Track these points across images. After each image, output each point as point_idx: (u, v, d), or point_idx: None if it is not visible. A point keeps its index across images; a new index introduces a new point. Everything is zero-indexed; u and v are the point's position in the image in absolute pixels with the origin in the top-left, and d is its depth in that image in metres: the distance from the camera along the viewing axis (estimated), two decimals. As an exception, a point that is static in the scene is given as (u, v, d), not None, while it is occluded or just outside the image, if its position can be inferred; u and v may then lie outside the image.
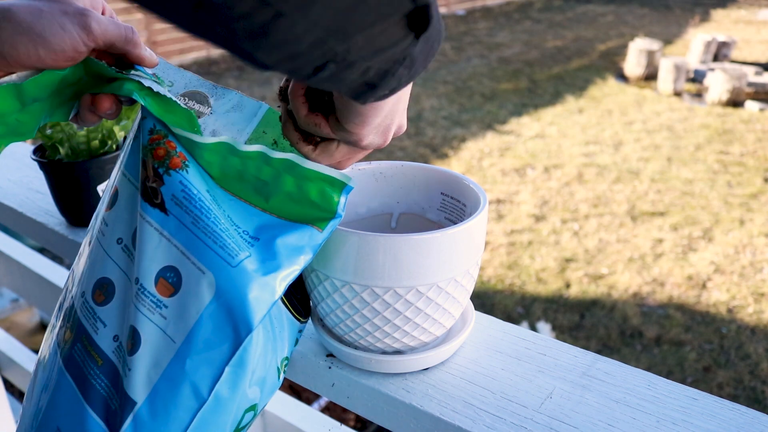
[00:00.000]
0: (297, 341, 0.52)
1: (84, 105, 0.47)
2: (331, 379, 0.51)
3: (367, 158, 0.57)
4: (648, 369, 2.27)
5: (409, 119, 4.91)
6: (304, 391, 1.93)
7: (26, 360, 1.29)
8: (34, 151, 0.74)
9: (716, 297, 2.73)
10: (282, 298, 0.48)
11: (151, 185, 0.44)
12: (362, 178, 0.55)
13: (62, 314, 0.49)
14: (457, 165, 4.05)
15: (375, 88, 0.35)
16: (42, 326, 2.44)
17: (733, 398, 2.17)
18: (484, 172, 3.94)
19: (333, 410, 1.94)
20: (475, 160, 4.13)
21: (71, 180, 0.72)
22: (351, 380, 0.50)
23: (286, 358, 0.49)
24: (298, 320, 0.50)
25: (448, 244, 0.44)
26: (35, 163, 0.74)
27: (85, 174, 0.71)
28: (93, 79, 0.47)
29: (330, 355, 0.52)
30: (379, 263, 0.44)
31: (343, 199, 0.44)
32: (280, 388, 0.53)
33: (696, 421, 0.43)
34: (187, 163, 0.44)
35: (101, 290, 0.46)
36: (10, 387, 1.84)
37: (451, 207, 0.54)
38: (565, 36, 7.73)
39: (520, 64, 6.45)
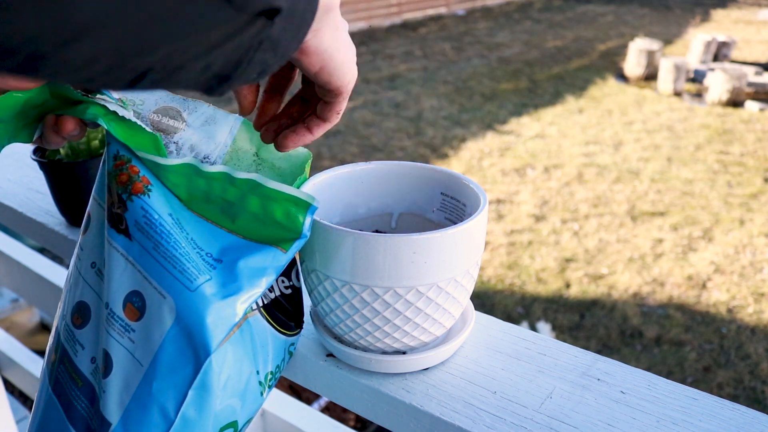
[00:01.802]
0: (291, 354, 0.52)
1: (48, 126, 0.47)
2: (331, 379, 0.51)
3: (367, 158, 0.57)
4: (648, 369, 2.27)
5: (409, 119, 4.91)
6: (304, 391, 1.93)
7: (26, 360, 1.29)
8: (34, 151, 0.74)
9: (716, 297, 2.73)
10: (265, 315, 0.48)
11: (116, 211, 0.44)
12: (362, 178, 0.55)
13: (52, 337, 0.51)
14: (457, 165, 4.05)
15: (230, 79, 0.32)
16: (42, 326, 2.44)
17: (733, 398, 2.17)
18: (484, 172, 3.94)
19: (333, 410, 1.94)
20: (475, 160, 4.13)
21: (71, 180, 0.72)
22: (351, 380, 0.50)
23: (271, 373, 0.49)
24: (285, 334, 0.50)
25: (448, 244, 0.44)
26: (35, 163, 0.74)
27: (85, 174, 0.71)
28: (58, 101, 0.47)
29: (330, 355, 0.52)
30: (379, 263, 0.44)
31: (308, 219, 0.45)
32: (280, 389, 0.53)
33: (696, 421, 0.43)
34: (149, 187, 0.44)
35: (78, 313, 0.47)
36: (10, 387, 1.84)
37: (451, 207, 0.54)
38: (565, 36, 7.73)
39: (520, 64, 6.44)
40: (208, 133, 0.51)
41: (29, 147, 0.94)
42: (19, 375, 1.31)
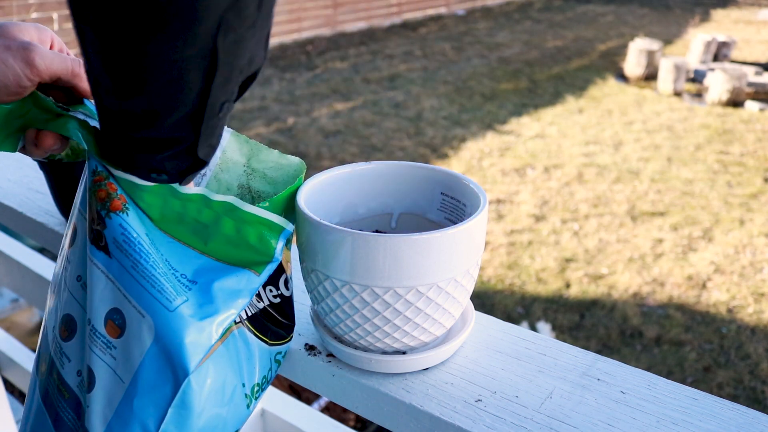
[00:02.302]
0: (279, 362, 0.52)
1: (28, 140, 0.47)
2: (331, 379, 0.51)
3: (367, 158, 0.57)
4: (648, 369, 2.27)
5: (409, 119, 4.91)
6: (304, 391, 1.93)
7: (26, 360, 1.29)
8: (34, 151, 0.74)
9: (716, 297, 2.73)
10: (250, 327, 0.48)
11: (96, 228, 0.44)
12: (362, 178, 0.55)
13: (41, 344, 0.51)
14: (457, 165, 4.05)
15: (213, 151, 0.43)
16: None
17: (733, 398, 2.17)
18: (484, 172, 3.94)
19: (333, 410, 1.93)
20: (475, 160, 4.13)
21: (71, 180, 0.72)
22: (351, 380, 0.50)
23: (258, 385, 0.49)
24: (273, 345, 0.50)
25: (448, 244, 0.44)
26: (35, 163, 0.74)
27: (85, 174, 0.71)
28: (41, 111, 0.47)
29: (330, 355, 0.52)
30: (379, 263, 0.44)
31: (281, 244, 0.45)
32: (280, 389, 0.53)
33: (696, 421, 0.43)
34: (127, 205, 0.44)
35: (65, 326, 0.47)
36: (10, 387, 1.84)
37: (451, 207, 0.54)
38: (565, 36, 7.73)
39: (520, 64, 6.44)
40: None
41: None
42: (19, 375, 1.31)
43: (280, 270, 0.50)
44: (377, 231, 0.56)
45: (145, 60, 0.32)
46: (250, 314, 0.49)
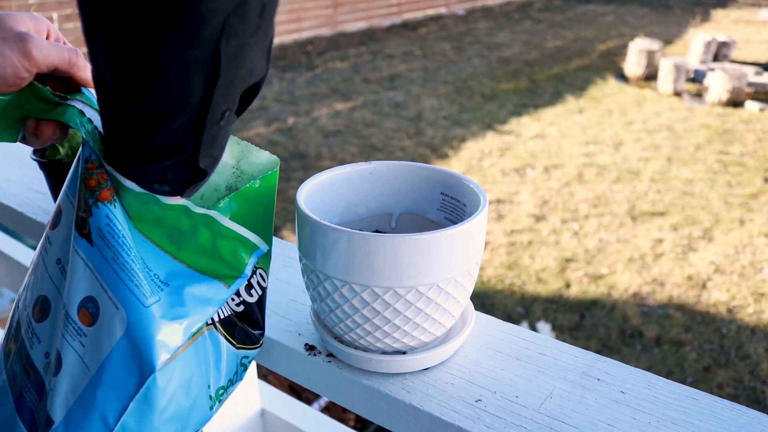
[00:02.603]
0: (246, 367, 0.52)
1: (28, 130, 0.47)
2: (331, 379, 0.51)
3: (367, 158, 0.57)
4: (648, 369, 2.27)
5: (409, 119, 4.91)
6: (304, 391, 1.93)
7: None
8: (34, 151, 0.74)
9: (716, 297, 2.73)
10: (221, 329, 0.49)
11: (81, 215, 0.44)
12: (362, 178, 0.55)
13: (10, 322, 0.50)
14: (457, 165, 4.05)
15: (215, 163, 0.43)
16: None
17: (733, 398, 2.17)
18: (484, 172, 3.94)
19: (333, 410, 1.93)
20: (475, 160, 4.13)
21: (71, 180, 0.72)
22: (351, 380, 0.50)
23: (223, 387, 0.49)
24: (241, 348, 0.51)
25: (448, 244, 0.44)
26: (35, 163, 0.74)
27: (85, 174, 0.71)
28: (40, 102, 0.47)
29: (330, 355, 0.52)
30: (379, 263, 0.44)
31: (252, 261, 0.46)
32: (280, 389, 0.53)
33: (696, 421, 0.43)
34: (115, 197, 0.44)
35: (39, 307, 0.47)
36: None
37: (451, 207, 0.54)
38: (565, 36, 7.73)
39: (520, 64, 6.44)
40: None
41: (29, 147, 0.94)
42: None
43: None
44: (377, 231, 0.56)
45: (151, 61, 0.33)
46: (222, 316, 0.49)
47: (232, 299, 0.50)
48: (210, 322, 0.47)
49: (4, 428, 0.47)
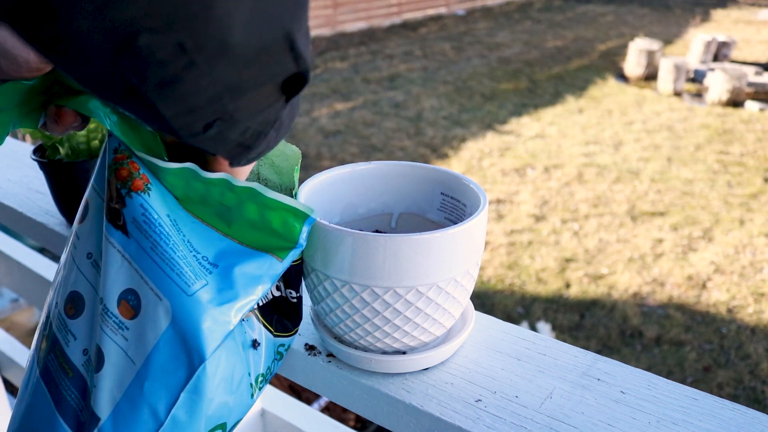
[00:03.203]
0: (282, 355, 0.51)
1: (49, 116, 0.46)
2: (331, 379, 0.51)
3: (367, 158, 0.57)
4: (648, 369, 2.27)
5: (409, 119, 4.91)
6: (304, 391, 1.93)
7: (26, 360, 1.29)
8: (34, 151, 0.74)
9: (716, 297, 2.73)
10: (260, 317, 0.48)
11: (114, 206, 0.43)
12: (362, 178, 0.55)
13: (42, 321, 0.50)
14: (457, 165, 4.05)
15: (249, 150, 0.37)
16: (42, 326, 2.43)
17: (733, 398, 2.17)
18: (484, 172, 3.94)
19: (333, 410, 1.94)
20: (475, 160, 4.13)
21: (71, 180, 0.72)
22: (351, 380, 0.50)
23: (263, 375, 0.49)
24: (279, 336, 0.50)
25: (448, 244, 0.44)
26: (35, 163, 0.74)
27: (85, 174, 0.71)
28: (63, 88, 0.46)
29: (330, 355, 0.52)
30: (379, 263, 0.44)
31: (305, 230, 0.45)
32: (280, 389, 0.53)
33: (696, 421, 0.43)
34: (149, 185, 0.43)
35: (72, 303, 0.46)
36: (10, 387, 1.84)
37: (451, 207, 0.54)
38: (565, 36, 7.73)
39: (520, 64, 6.45)
40: None
41: (29, 147, 0.94)
42: (19, 375, 1.31)
43: (300, 273, 0.50)
44: (377, 231, 0.56)
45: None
46: (261, 304, 0.49)
47: (290, 293, 0.50)
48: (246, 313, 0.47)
49: (46, 428, 0.45)
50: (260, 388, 0.48)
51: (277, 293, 0.50)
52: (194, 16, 0.27)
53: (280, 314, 0.50)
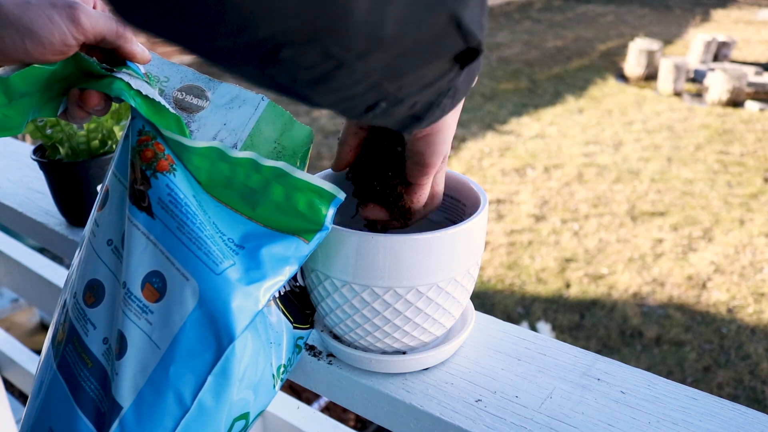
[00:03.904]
0: (300, 349, 0.51)
1: (72, 100, 0.46)
2: (331, 379, 0.51)
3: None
4: (648, 369, 2.27)
5: (409, 119, 4.92)
6: (304, 391, 1.93)
7: (26, 360, 1.29)
8: (34, 151, 0.74)
9: (716, 297, 2.73)
10: (280, 306, 0.48)
11: (139, 188, 0.43)
12: (362, 178, 0.55)
13: (57, 314, 0.49)
14: (457, 165, 4.05)
15: (420, 120, 0.35)
16: (42, 326, 2.44)
17: (733, 398, 2.17)
18: (484, 172, 3.94)
19: (333, 410, 1.94)
20: (475, 160, 4.13)
21: (71, 180, 0.72)
22: (351, 380, 0.50)
23: (284, 366, 0.48)
24: (298, 328, 0.50)
25: (448, 244, 0.44)
26: (35, 163, 0.74)
27: (85, 174, 0.71)
28: (83, 75, 0.46)
29: (330, 355, 0.52)
30: (379, 263, 0.44)
31: (331, 212, 0.44)
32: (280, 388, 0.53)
33: (696, 421, 0.43)
34: (174, 166, 0.43)
35: (91, 292, 0.45)
36: (10, 387, 1.84)
37: (451, 207, 0.54)
38: (565, 36, 7.73)
39: (520, 64, 6.44)
40: (230, 115, 0.50)
41: (29, 147, 0.94)
42: (19, 375, 1.31)
43: None
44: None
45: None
46: (282, 293, 0.48)
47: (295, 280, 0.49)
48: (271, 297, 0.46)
49: (63, 422, 0.44)
50: (281, 380, 0.48)
51: (296, 283, 0.50)
52: (335, 28, 0.26)
53: (295, 305, 0.50)
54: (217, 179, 0.44)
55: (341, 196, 0.44)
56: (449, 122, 0.41)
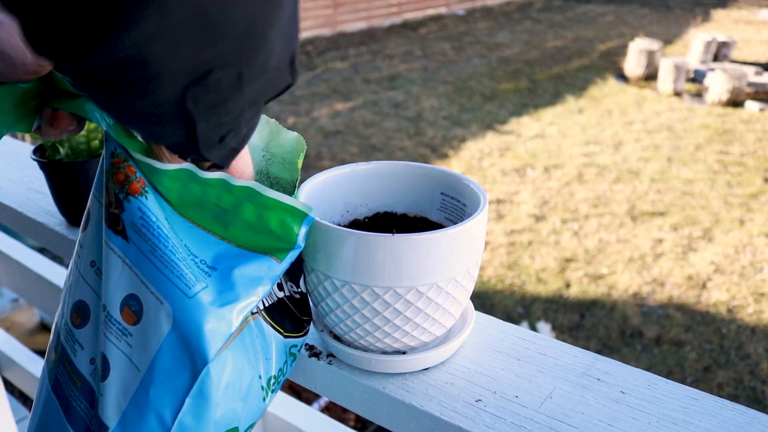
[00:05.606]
0: (295, 356, 0.51)
1: (44, 119, 0.46)
2: (331, 379, 0.51)
3: (367, 158, 0.56)
4: (648, 369, 2.27)
5: (409, 119, 4.91)
6: (304, 391, 1.93)
7: (26, 360, 1.29)
8: (34, 151, 0.74)
9: (716, 297, 2.73)
10: (267, 318, 0.48)
11: (114, 211, 0.43)
12: (362, 178, 0.55)
13: (52, 334, 0.50)
14: (457, 165, 4.05)
15: (236, 152, 0.40)
16: (42, 326, 2.44)
17: (733, 398, 2.17)
18: (484, 172, 3.94)
19: (333, 410, 1.94)
20: (475, 160, 4.13)
21: (71, 180, 0.72)
22: (351, 380, 0.50)
23: (274, 377, 0.48)
24: (290, 337, 0.50)
25: (448, 244, 0.44)
26: (35, 163, 0.74)
27: (85, 174, 0.71)
28: (58, 93, 0.46)
29: (330, 355, 0.52)
30: (379, 263, 0.44)
31: (303, 230, 0.44)
32: (280, 389, 0.53)
33: (696, 421, 0.43)
34: (146, 189, 0.43)
35: (77, 313, 0.46)
36: (10, 387, 1.84)
37: (451, 207, 0.54)
38: (565, 36, 7.73)
39: (520, 64, 6.45)
40: None
41: (29, 147, 0.94)
42: (19, 375, 1.31)
43: (301, 269, 0.50)
44: (377, 231, 0.56)
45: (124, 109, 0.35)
46: (267, 305, 0.48)
47: (292, 286, 0.49)
48: (255, 310, 0.46)
49: None
50: (273, 391, 0.48)
51: (281, 294, 0.50)
52: (253, 50, 0.32)
53: (288, 314, 0.50)
54: (189, 200, 0.44)
55: (313, 214, 0.45)
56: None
